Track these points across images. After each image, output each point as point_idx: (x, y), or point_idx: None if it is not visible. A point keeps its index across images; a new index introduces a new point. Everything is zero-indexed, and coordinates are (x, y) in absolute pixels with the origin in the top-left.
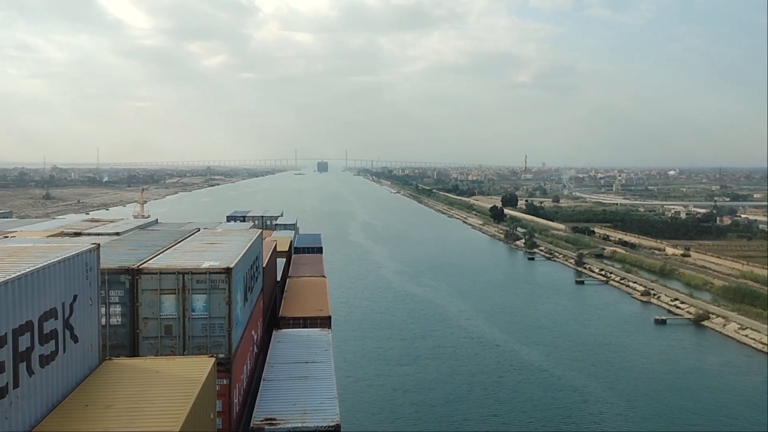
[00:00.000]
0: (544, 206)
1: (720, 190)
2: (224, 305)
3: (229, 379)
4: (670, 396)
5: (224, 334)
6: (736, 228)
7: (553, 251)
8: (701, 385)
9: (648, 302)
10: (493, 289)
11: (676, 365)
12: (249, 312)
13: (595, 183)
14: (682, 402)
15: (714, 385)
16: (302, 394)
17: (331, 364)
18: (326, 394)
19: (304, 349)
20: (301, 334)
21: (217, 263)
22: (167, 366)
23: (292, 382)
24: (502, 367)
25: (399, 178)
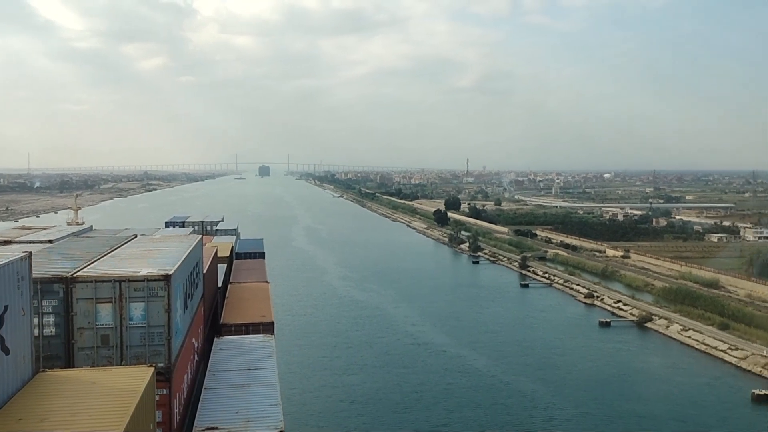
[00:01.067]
0: (487, 209)
1: (654, 192)
2: (163, 313)
3: (169, 388)
4: (619, 399)
5: (163, 342)
6: (672, 229)
7: (497, 254)
8: (649, 388)
9: (592, 304)
10: (438, 294)
11: (623, 368)
12: (189, 319)
13: (534, 186)
14: (630, 405)
15: (661, 388)
16: (245, 401)
17: (275, 370)
18: (270, 400)
19: (247, 355)
20: (244, 341)
21: (156, 270)
22: (104, 377)
23: (234, 389)
24: (450, 373)
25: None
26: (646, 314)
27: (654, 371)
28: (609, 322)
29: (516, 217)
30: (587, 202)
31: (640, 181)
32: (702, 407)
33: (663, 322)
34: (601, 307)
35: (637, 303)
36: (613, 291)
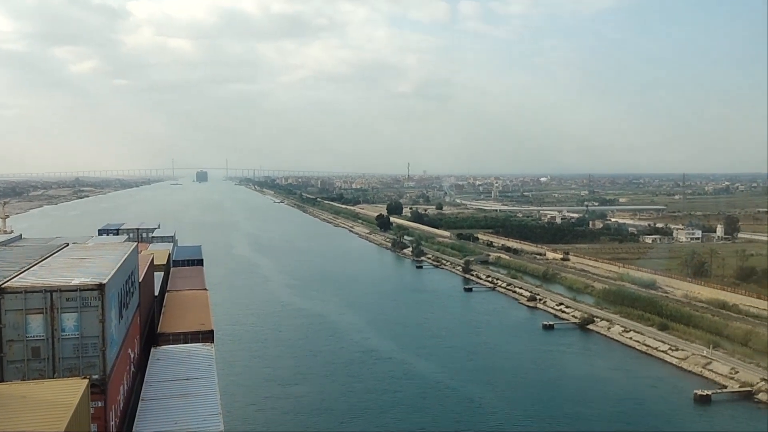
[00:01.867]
0: (429, 213)
1: (589, 195)
2: (97, 324)
3: (104, 401)
4: (565, 402)
5: (98, 354)
6: (608, 231)
7: (440, 259)
8: (594, 390)
9: (535, 307)
10: (383, 300)
11: (568, 370)
12: (125, 330)
13: (474, 190)
14: (577, 408)
15: (606, 390)
16: (184, 412)
17: (214, 379)
18: (210, 410)
19: (185, 365)
20: (182, 350)
21: (89, 279)
22: (36, 390)
23: (172, 400)
24: (397, 380)
25: (282, 188)
26: (588, 316)
27: (598, 373)
28: (552, 324)
29: (457, 221)
30: (526, 206)
31: (575, 184)
32: (646, 408)
33: (605, 324)
34: (544, 310)
35: (579, 305)
36: (555, 293)
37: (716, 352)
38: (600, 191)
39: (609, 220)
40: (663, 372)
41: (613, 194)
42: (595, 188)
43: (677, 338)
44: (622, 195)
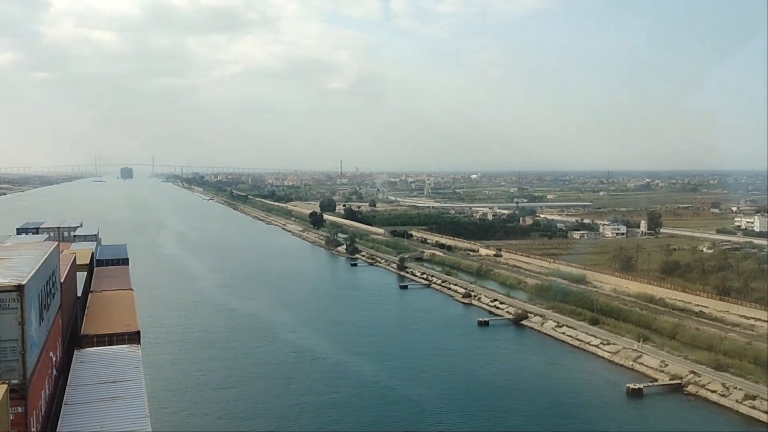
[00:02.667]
0: (362, 210)
1: (518, 192)
2: (16, 326)
3: (25, 406)
4: (503, 398)
5: (17, 358)
6: (538, 227)
7: (375, 256)
8: (530, 386)
9: (470, 304)
10: (318, 298)
11: (504, 366)
12: (46, 332)
13: (407, 187)
14: (514, 404)
15: (542, 385)
16: (110, 416)
17: (142, 381)
18: (137, 413)
19: (111, 368)
20: (107, 352)
21: (7, 280)
22: None
23: (97, 404)
24: (334, 381)
25: (212, 185)
26: (522, 312)
27: (533, 368)
28: (487, 321)
29: (391, 218)
30: (458, 203)
31: (505, 181)
32: (581, 402)
33: (538, 320)
34: (479, 307)
35: (513, 301)
36: (489, 290)
37: (646, 346)
38: (528, 188)
39: (538, 216)
40: (596, 366)
41: (541, 191)
42: (524, 185)
43: (608, 332)
44: (550, 192)
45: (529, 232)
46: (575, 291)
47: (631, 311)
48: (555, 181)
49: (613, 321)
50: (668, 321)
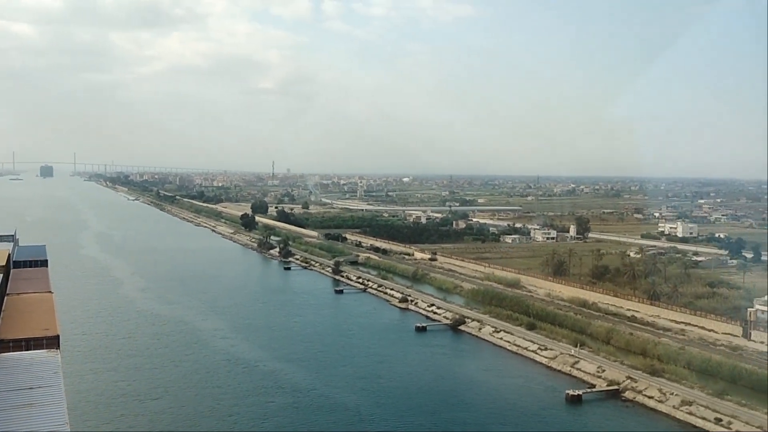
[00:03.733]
0: (295, 213)
1: (450, 196)
2: None
3: None
4: (441, 406)
5: None
6: (471, 231)
7: (309, 260)
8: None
9: (407, 309)
10: (250, 303)
11: (442, 373)
12: None
13: (339, 189)
14: (453, 412)
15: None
16: (27, 424)
17: (61, 387)
18: (55, 420)
19: (28, 373)
20: (24, 358)
21: None
22: None
23: (14, 411)
24: (268, 391)
25: (137, 184)
26: (459, 317)
27: (472, 375)
28: (425, 326)
29: (324, 221)
30: (391, 205)
31: (436, 184)
32: (521, 410)
33: (475, 325)
34: (416, 311)
35: (450, 306)
36: (426, 294)
37: (582, 351)
38: (459, 192)
39: (471, 220)
40: (534, 372)
41: (472, 195)
42: (455, 189)
43: (545, 337)
44: (480, 196)
45: (463, 236)
46: (511, 295)
47: (567, 316)
48: (485, 185)
49: (550, 326)
50: (602, 326)
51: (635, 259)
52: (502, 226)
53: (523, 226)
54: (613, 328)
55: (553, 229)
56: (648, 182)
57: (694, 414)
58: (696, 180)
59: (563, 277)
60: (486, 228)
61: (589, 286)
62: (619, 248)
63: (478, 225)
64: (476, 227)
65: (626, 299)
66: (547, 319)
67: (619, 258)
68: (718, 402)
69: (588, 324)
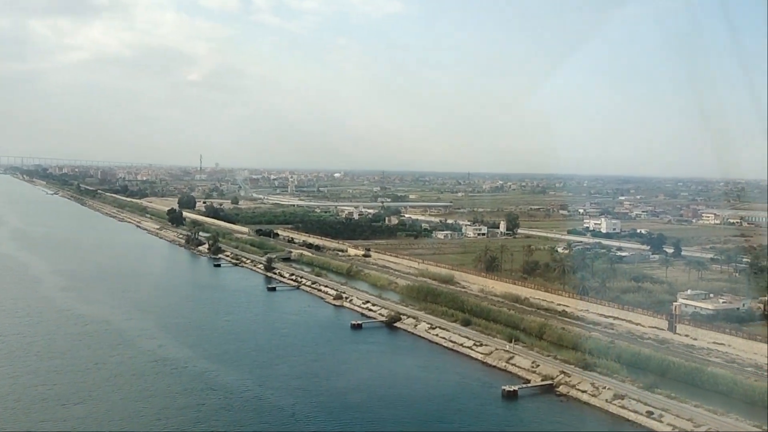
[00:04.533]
0: (224, 208)
1: (381, 191)
2: None
3: None
4: (379, 404)
5: None
6: (403, 227)
7: (239, 256)
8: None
9: (341, 306)
10: (178, 302)
11: (379, 371)
12: None
13: (269, 184)
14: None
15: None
16: None
17: None
18: None
19: None
20: None
21: None
22: None
23: None
24: (199, 392)
25: (57, 178)
26: (395, 314)
27: (408, 372)
28: (360, 324)
29: (255, 216)
30: (323, 201)
31: (368, 180)
32: (458, 406)
33: (411, 321)
34: (351, 309)
35: (385, 303)
36: (361, 291)
37: (517, 346)
38: (391, 188)
39: (403, 216)
40: (470, 368)
41: (403, 191)
42: (386, 185)
43: (480, 333)
44: (411, 192)
45: (395, 232)
46: (446, 292)
47: (500, 311)
48: (415, 182)
49: (484, 322)
50: (535, 321)
51: (564, 254)
52: (434, 221)
53: (454, 222)
54: (546, 323)
55: (483, 225)
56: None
57: (627, 408)
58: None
59: (495, 272)
60: (418, 224)
61: (521, 281)
62: (547, 244)
63: (411, 221)
64: (408, 223)
65: (557, 294)
66: (482, 314)
67: (549, 254)
68: (649, 395)
69: (521, 319)
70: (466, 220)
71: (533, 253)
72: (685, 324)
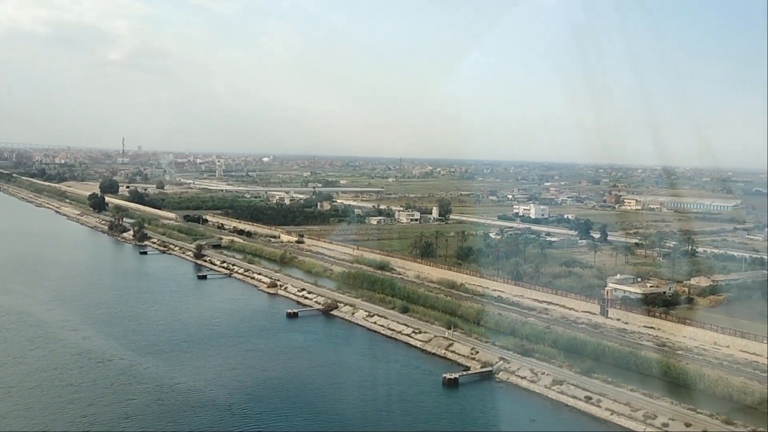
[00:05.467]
0: (150, 193)
1: (312, 177)
2: None
3: None
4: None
5: None
6: (336, 213)
7: (167, 243)
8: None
9: (276, 294)
10: (102, 291)
11: (316, 360)
12: None
13: (196, 168)
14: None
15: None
16: None
17: None
18: None
19: None
20: None
21: None
22: None
23: None
24: (127, 387)
25: None
26: (332, 302)
27: (348, 361)
28: (296, 312)
29: (182, 202)
30: (252, 186)
31: (298, 165)
32: (399, 395)
33: (348, 309)
34: (286, 297)
35: (322, 290)
36: (296, 279)
37: (456, 333)
38: (321, 173)
39: (335, 201)
40: (410, 355)
41: (334, 176)
42: (317, 170)
43: (419, 320)
44: (342, 177)
45: (328, 218)
46: (382, 278)
47: (438, 298)
48: (346, 167)
49: (422, 308)
50: (472, 307)
51: (496, 240)
52: (367, 207)
53: (387, 207)
54: (483, 309)
55: (416, 211)
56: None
57: (566, 393)
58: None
59: (431, 258)
60: (351, 209)
61: (456, 267)
62: (479, 229)
63: (343, 206)
64: (341, 209)
65: (491, 280)
66: (419, 301)
67: (482, 239)
68: (587, 380)
69: (458, 305)
70: (398, 206)
71: (467, 239)
72: (616, 308)
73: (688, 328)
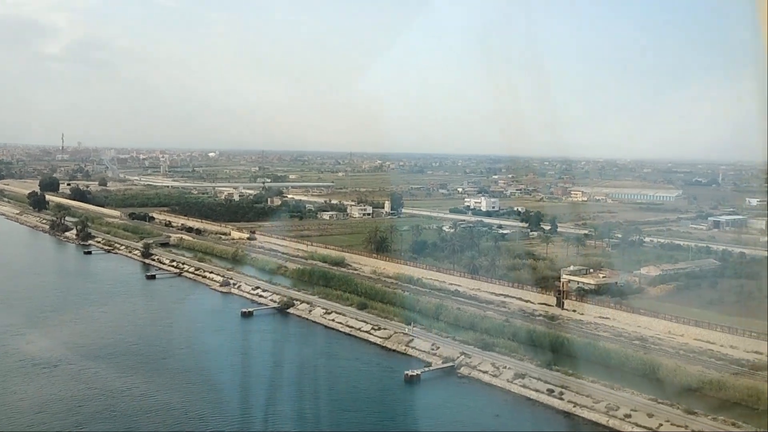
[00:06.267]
0: (92, 190)
1: (260, 172)
2: None
3: None
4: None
5: None
6: (287, 208)
7: (112, 242)
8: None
9: (229, 293)
10: (45, 294)
11: (274, 360)
12: None
13: (139, 164)
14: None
15: (317, 377)
16: None
17: None
18: None
19: None
20: None
21: None
22: None
23: None
24: (78, 393)
25: None
26: (288, 300)
27: (306, 360)
28: (251, 311)
29: (126, 199)
30: (199, 182)
31: (245, 160)
32: (361, 393)
33: (305, 307)
34: (240, 296)
35: (277, 288)
36: (249, 276)
37: (415, 329)
38: (270, 167)
39: (286, 196)
40: (370, 353)
41: (283, 171)
42: (265, 164)
43: (377, 317)
44: (291, 172)
45: (279, 214)
46: (338, 275)
47: (395, 293)
48: (294, 161)
49: (380, 304)
50: (431, 302)
51: (450, 233)
52: (318, 202)
53: (338, 202)
54: (441, 303)
55: (368, 205)
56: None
57: (528, 387)
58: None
59: (386, 253)
60: (302, 205)
61: (412, 261)
62: (432, 223)
63: (294, 202)
64: (292, 204)
65: (448, 274)
66: (377, 297)
67: (436, 233)
68: (548, 373)
69: (417, 300)
70: (350, 201)
71: (421, 233)
72: (571, 300)
73: (643, 318)
